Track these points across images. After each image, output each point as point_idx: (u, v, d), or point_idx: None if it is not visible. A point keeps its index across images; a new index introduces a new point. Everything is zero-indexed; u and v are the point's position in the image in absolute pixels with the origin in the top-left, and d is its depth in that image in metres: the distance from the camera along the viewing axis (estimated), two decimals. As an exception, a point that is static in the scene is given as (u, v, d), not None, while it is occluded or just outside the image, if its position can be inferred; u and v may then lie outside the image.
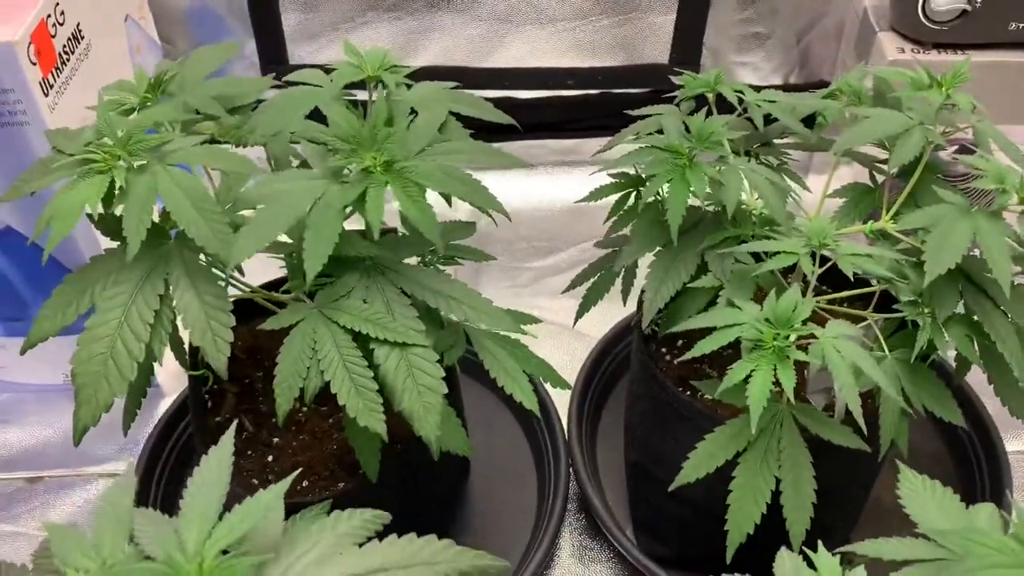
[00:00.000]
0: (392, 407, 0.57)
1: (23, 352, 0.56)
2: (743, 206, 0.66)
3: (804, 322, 0.55)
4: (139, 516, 0.38)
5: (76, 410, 0.54)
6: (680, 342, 0.77)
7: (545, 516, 0.82)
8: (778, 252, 0.58)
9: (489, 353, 0.66)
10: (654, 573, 0.77)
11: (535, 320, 0.70)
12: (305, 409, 0.72)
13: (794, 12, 1.09)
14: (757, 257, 0.64)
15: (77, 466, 0.91)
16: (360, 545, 0.40)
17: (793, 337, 0.54)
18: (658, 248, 0.65)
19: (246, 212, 0.59)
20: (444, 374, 0.58)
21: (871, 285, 0.71)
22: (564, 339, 1.03)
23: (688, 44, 1.07)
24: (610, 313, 0.95)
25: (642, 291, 0.75)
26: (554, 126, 1.14)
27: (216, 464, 0.40)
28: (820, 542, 0.44)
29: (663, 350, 0.76)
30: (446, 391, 0.58)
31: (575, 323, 0.78)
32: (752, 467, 0.59)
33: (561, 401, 0.89)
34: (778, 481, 0.61)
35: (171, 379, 0.95)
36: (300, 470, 0.65)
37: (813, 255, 0.58)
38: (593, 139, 1.15)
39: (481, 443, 0.74)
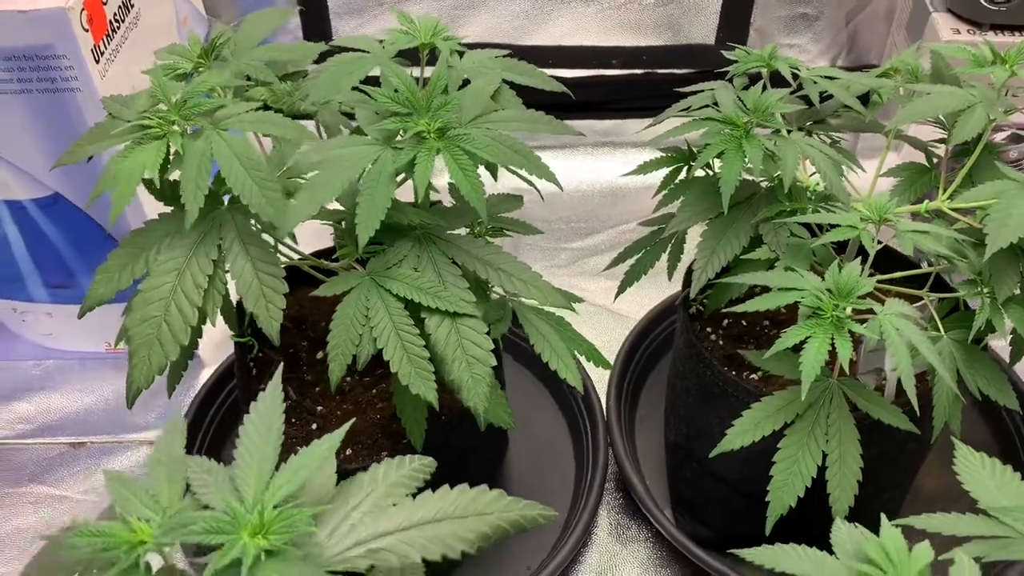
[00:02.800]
0: (440, 377, 0.57)
1: (81, 316, 0.56)
2: (796, 182, 0.65)
3: (862, 297, 0.54)
4: (193, 465, 0.38)
5: (129, 373, 0.54)
6: (726, 322, 0.76)
7: (583, 494, 0.82)
8: (836, 225, 0.57)
9: (535, 329, 0.65)
10: (693, 553, 0.76)
11: (578, 299, 0.69)
12: (349, 379, 0.73)
13: (844, -8, 1.08)
14: (811, 233, 0.64)
15: (119, 433, 0.93)
16: (413, 496, 0.40)
17: (849, 310, 0.54)
18: (709, 219, 0.64)
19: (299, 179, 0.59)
20: (493, 345, 0.58)
21: (918, 268, 0.70)
22: (601, 319, 1.03)
23: (735, 24, 1.06)
24: (648, 296, 0.95)
25: (690, 266, 0.74)
26: (597, 106, 1.13)
27: (267, 413, 0.40)
28: (884, 516, 0.43)
29: (708, 329, 0.76)
30: (495, 363, 0.57)
31: (616, 297, 0.78)
32: (799, 440, 0.59)
33: (598, 380, 0.89)
34: (824, 457, 0.60)
35: (210, 350, 0.96)
36: (349, 425, 0.65)
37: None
38: (635, 120, 1.14)
39: (518, 421, 0.74)
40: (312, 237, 0.71)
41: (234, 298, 0.63)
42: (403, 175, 0.56)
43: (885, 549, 0.41)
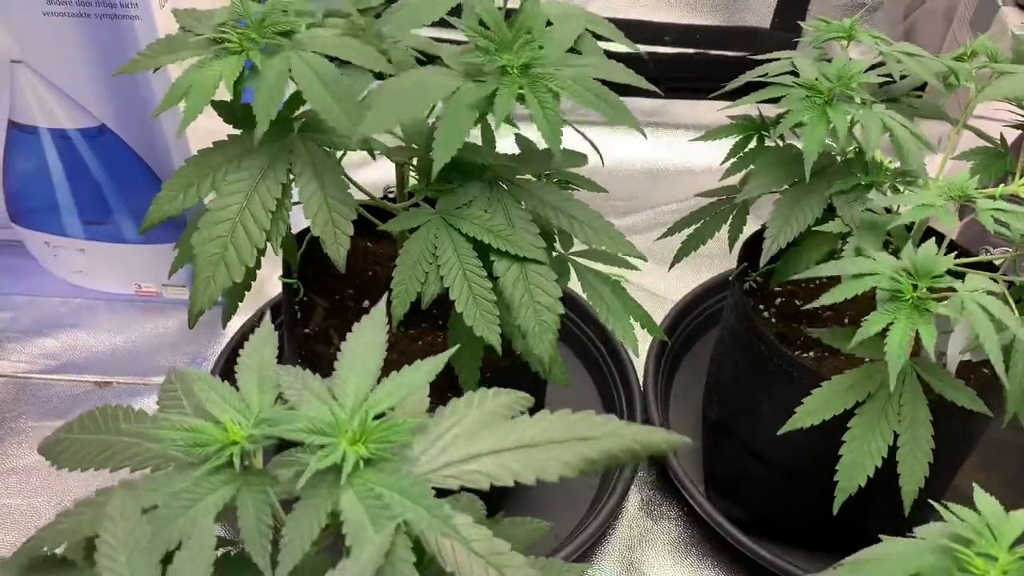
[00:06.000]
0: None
1: (142, 232, 0.55)
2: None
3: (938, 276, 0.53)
4: (286, 374, 0.37)
5: (192, 293, 0.53)
6: (778, 300, 0.75)
7: (617, 468, 0.81)
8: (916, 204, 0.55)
9: (594, 290, 0.64)
10: (726, 530, 0.75)
11: (643, 256, 0.68)
12: (393, 331, 0.71)
13: (905, -14, 1.07)
14: (885, 210, 0.62)
15: (145, 375, 0.91)
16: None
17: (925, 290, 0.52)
18: (785, 187, 0.63)
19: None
20: (561, 293, 0.56)
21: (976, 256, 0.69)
22: (640, 298, 1.01)
23: (793, 10, 1.05)
24: (686, 278, 0.94)
25: (748, 239, 0.73)
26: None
27: (371, 330, 0.38)
28: (976, 487, 0.42)
29: (760, 307, 0.75)
30: (562, 311, 0.56)
31: (672, 266, 0.77)
32: (870, 419, 0.57)
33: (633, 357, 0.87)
34: (895, 438, 0.59)
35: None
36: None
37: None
38: (680, 101, 1.13)
39: (553, 391, 0.72)
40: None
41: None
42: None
43: (984, 516, 0.40)
